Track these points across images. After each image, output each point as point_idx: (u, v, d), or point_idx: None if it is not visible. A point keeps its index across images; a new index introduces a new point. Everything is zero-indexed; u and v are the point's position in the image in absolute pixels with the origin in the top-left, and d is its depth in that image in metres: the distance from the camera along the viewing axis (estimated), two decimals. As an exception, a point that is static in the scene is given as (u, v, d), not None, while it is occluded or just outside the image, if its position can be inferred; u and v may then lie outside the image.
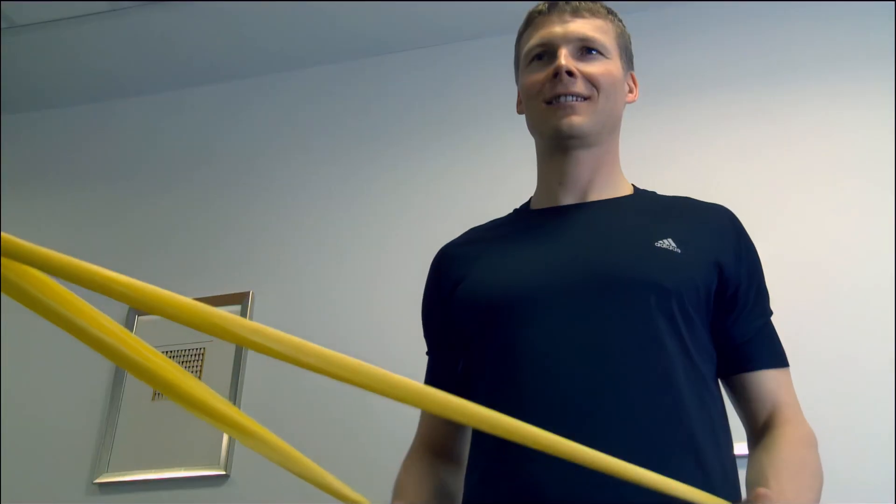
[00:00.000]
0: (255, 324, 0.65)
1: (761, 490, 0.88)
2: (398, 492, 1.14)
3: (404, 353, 2.16)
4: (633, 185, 1.28)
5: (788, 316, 1.94)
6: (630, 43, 1.30)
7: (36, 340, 2.44)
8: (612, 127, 1.24)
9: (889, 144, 2.10)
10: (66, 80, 2.84)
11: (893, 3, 2.22)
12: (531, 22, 1.28)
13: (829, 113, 2.21)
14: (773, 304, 1.22)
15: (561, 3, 1.25)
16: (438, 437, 1.21)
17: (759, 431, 1.12)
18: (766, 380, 1.13)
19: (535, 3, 1.30)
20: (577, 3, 1.24)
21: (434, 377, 1.25)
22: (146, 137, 2.82)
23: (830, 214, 2.08)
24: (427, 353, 1.29)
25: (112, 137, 2.85)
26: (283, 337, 0.65)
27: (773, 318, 1.19)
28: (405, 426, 1.27)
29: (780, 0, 2.38)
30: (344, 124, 2.65)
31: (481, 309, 1.14)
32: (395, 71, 2.69)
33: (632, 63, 1.31)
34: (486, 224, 1.32)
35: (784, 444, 1.05)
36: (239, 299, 2.38)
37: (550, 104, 1.20)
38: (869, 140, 2.13)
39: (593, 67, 1.20)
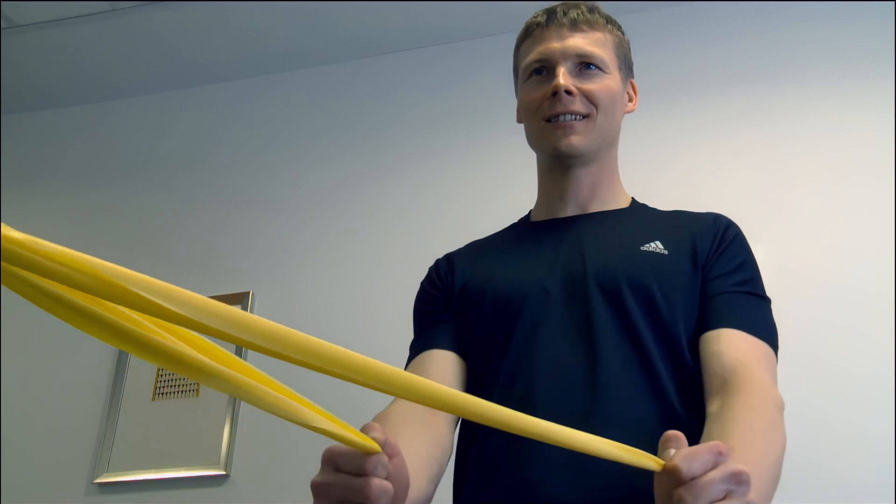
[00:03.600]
0: (253, 317, 0.60)
1: (669, 432, 0.77)
2: (382, 417, 1.04)
3: (404, 352, 2.17)
4: (632, 197, 1.29)
5: (788, 317, 1.95)
6: (629, 51, 1.30)
7: (36, 340, 2.44)
8: (610, 141, 1.24)
9: (889, 145, 2.10)
10: (66, 80, 2.84)
11: (893, 3, 2.22)
12: (529, 34, 1.26)
13: (829, 113, 2.21)
14: (773, 305, 1.22)
15: (559, 14, 1.23)
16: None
17: (713, 395, 1.00)
18: (722, 337, 1.04)
19: (535, 5, 1.29)
20: (576, 14, 1.23)
21: (417, 346, 1.21)
22: (146, 137, 2.82)
23: (830, 215, 2.08)
24: (410, 348, 1.24)
25: (112, 137, 2.85)
26: (275, 330, 0.59)
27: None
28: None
29: (780, 0, 2.38)
30: (344, 124, 2.65)
31: (477, 311, 1.16)
32: (395, 71, 2.69)
33: (631, 71, 1.30)
34: (485, 238, 1.33)
35: (737, 405, 0.94)
36: (239, 299, 2.38)
37: (549, 122, 1.19)
38: (869, 140, 2.13)
39: (592, 85, 1.19)
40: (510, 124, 1.33)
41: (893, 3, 2.22)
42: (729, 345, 1.03)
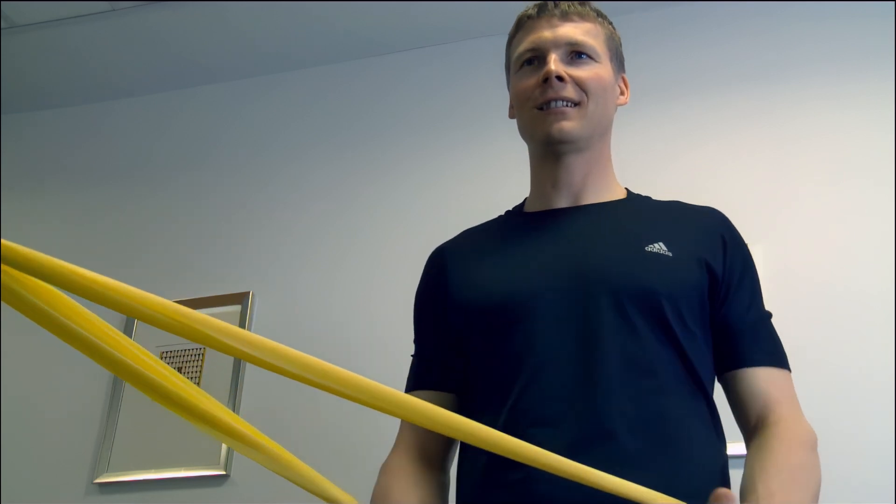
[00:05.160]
0: (255, 336, 0.66)
1: (720, 490, 0.90)
2: (381, 499, 1.09)
3: (404, 352, 2.16)
4: (626, 188, 1.29)
5: (788, 317, 1.95)
6: (620, 45, 1.30)
7: (36, 339, 2.43)
8: (602, 131, 1.24)
9: (889, 145, 2.10)
10: (66, 80, 2.84)
11: (893, 3, 2.22)
12: (521, 26, 1.27)
13: (829, 113, 2.21)
14: (773, 305, 1.22)
15: (550, 6, 1.24)
16: (426, 441, 1.15)
17: (752, 430, 1.10)
18: (758, 377, 1.11)
19: (528, 4, 1.30)
20: (566, 6, 1.24)
21: (417, 377, 1.24)
22: (146, 137, 2.82)
23: (830, 215, 2.08)
24: (412, 355, 1.28)
25: (112, 137, 2.85)
26: (281, 350, 0.66)
27: (773, 320, 1.19)
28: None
29: (780, 0, 2.38)
30: (344, 124, 2.65)
31: (475, 312, 1.15)
32: (395, 71, 2.69)
33: (623, 65, 1.30)
34: (479, 226, 1.32)
35: (776, 446, 1.03)
36: (239, 299, 2.38)
37: (541, 110, 1.20)
38: (869, 140, 2.13)
39: (583, 72, 1.20)
40: (510, 124, 1.33)
41: (893, 3, 2.22)
42: (760, 384, 1.11)
